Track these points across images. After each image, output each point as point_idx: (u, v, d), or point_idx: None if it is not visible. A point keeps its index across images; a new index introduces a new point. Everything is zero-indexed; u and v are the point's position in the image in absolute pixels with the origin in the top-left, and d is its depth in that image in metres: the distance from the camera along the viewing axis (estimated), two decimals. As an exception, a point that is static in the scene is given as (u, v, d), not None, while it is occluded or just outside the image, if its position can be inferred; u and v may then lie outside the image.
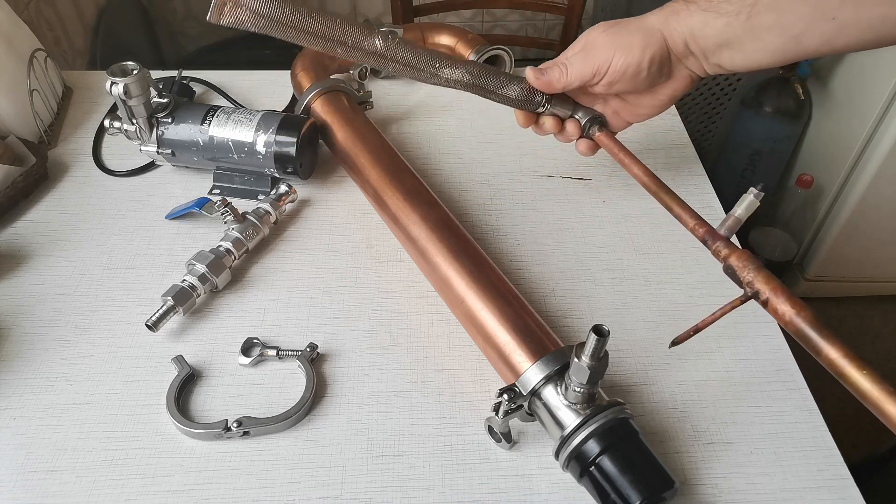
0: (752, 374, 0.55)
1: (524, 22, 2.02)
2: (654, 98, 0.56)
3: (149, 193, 0.70)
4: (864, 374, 0.36)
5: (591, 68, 0.53)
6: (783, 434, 0.51)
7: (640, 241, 0.66)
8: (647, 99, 0.57)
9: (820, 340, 0.38)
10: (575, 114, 0.59)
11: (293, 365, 0.55)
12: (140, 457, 0.49)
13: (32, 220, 0.67)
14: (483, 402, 0.53)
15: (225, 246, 0.60)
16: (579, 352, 0.42)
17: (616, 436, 0.44)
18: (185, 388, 0.53)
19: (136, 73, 0.63)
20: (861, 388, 0.36)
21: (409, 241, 0.59)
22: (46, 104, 0.76)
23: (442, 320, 0.58)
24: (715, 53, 0.51)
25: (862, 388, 0.36)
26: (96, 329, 0.57)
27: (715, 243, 0.46)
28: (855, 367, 0.36)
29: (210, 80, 0.84)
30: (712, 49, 0.51)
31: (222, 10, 0.47)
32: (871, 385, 0.35)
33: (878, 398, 0.35)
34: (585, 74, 0.54)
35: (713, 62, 0.52)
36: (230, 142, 0.66)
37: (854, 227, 1.44)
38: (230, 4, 0.47)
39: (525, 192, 0.71)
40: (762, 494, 0.48)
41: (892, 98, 1.27)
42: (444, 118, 0.81)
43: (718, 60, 0.51)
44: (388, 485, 0.48)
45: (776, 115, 1.47)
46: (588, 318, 0.59)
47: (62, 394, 0.53)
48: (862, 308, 1.64)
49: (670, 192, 0.50)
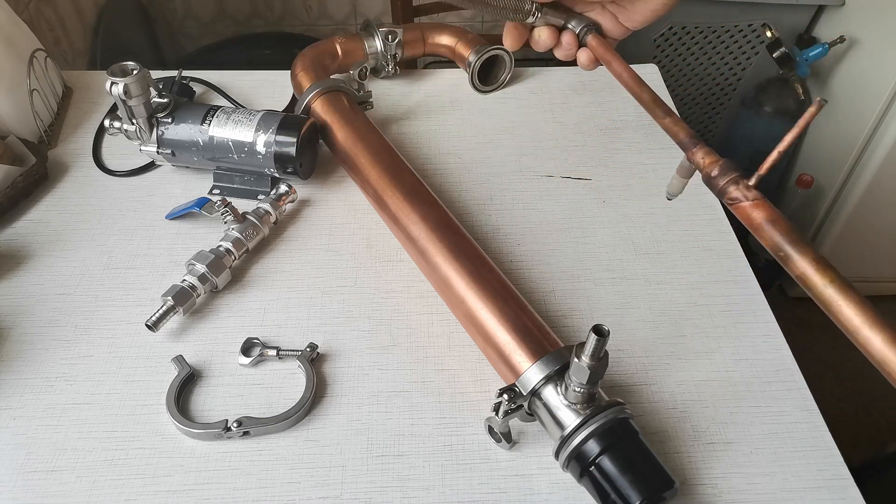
0: (752, 374, 0.55)
1: (524, 22, 2.02)
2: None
3: (149, 193, 0.70)
4: (829, 283, 0.35)
5: None
6: (783, 434, 0.51)
7: (640, 241, 0.66)
8: (638, 2, 0.54)
9: (791, 250, 0.37)
10: (568, 23, 0.57)
11: (293, 365, 0.55)
12: (140, 457, 0.49)
13: (32, 220, 0.67)
14: (483, 402, 0.53)
15: (225, 246, 0.60)
16: (579, 352, 0.42)
17: (616, 436, 0.44)
18: (185, 388, 0.53)
19: (136, 73, 0.63)
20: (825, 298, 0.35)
21: (409, 241, 0.59)
22: (46, 104, 0.76)
23: (442, 320, 0.58)
24: None
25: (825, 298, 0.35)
26: (96, 329, 0.57)
27: (696, 154, 0.43)
28: (823, 277, 0.35)
29: (210, 80, 0.84)
30: None
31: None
32: (836, 293, 0.34)
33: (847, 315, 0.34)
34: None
35: None
36: (230, 142, 0.66)
37: (854, 227, 1.44)
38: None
39: (525, 192, 0.71)
40: (762, 494, 0.48)
41: (892, 98, 1.27)
42: (444, 118, 0.81)
43: None
44: (388, 485, 0.48)
45: (776, 115, 1.47)
46: (588, 318, 0.59)
47: (62, 394, 0.53)
48: (862, 308, 1.64)
49: (661, 103, 0.48)
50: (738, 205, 0.40)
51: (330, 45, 0.80)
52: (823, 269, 0.35)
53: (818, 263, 0.35)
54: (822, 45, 1.37)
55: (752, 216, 0.39)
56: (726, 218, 0.68)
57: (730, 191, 0.40)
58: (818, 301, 0.35)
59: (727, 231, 0.67)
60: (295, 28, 1.80)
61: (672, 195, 0.49)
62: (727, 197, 0.41)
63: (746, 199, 0.39)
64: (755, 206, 0.39)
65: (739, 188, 0.40)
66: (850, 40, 1.37)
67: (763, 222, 0.38)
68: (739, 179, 0.40)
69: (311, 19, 1.79)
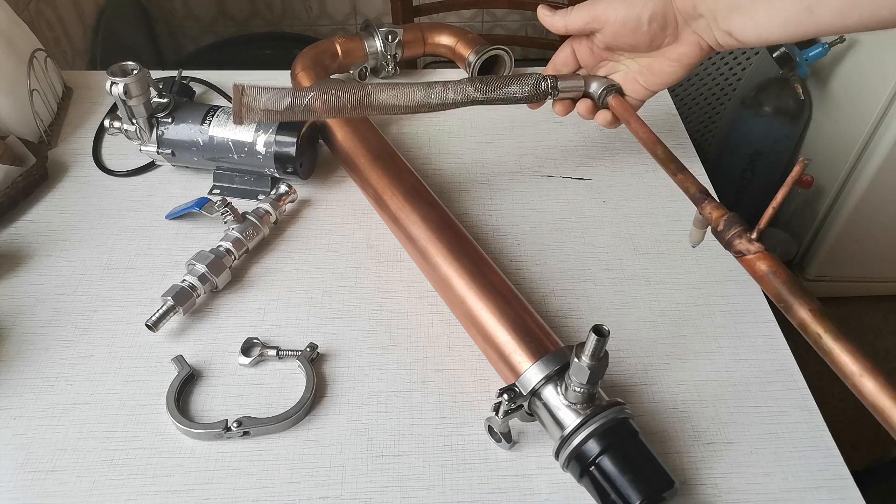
0: (752, 374, 0.55)
1: (524, 22, 2.02)
2: (663, 62, 0.56)
3: (149, 193, 0.70)
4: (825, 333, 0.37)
5: (591, 13, 0.55)
6: (783, 434, 0.51)
7: (640, 241, 0.66)
8: (658, 64, 0.56)
9: (791, 299, 0.39)
10: (588, 88, 0.59)
11: (293, 365, 0.55)
12: (140, 457, 0.49)
13: (32, 220, 0.67)
14: (483, 402, 0.53)
15: (225, 246, 0.60)
16: (579, 352, 0.42)
17: (616, 436, 0.44)
18: (185, 388, 0.53)
19: (136, 73, 0.63)
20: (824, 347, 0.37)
21: (409, 241, 0.59)
22: (46, 104, 0.76)
23: (442, 320, 0.58)
24: (726, 18, 0.50)
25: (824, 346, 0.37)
26: (96, 329, 0.57)
27: (705, 208, 0.46)
28: (821, 327, 0.37)
29: (210, 80, 0.84)
30: (723, 12, 0.50)
31: (240, 116, 0.53)
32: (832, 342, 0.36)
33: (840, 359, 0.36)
34: (585, 18, 0.56)
35: (723, 28, 0.51)
36: (230, 142, 0.66)
37: (854, 227, 1.44)
38: (244, 110, 0.53)
39: (525, 192, 0.71)
40: (762, 494, 0.48)
41: (892, 98, 1.27)
42: (444, 118, 0.81)
43: (728, 27, 0.50)
44: (388, 485, 0.48)
45: (776, 115, 1.47)
46: (588, 318, 0.59)
47: (62, 394, 0.53)
48: (862, 308, 1.64)
49: (675, 159, 0.50)
50: (744, 258, 0.42)
51: (330, 45, 0.80)
52: (820, 318, 0.37)
53: (815, 313, 0.38)
54: (822, 44, 1.37)
55: (756, 268, 0.41)
56: (726, 218, 0.68)
57: (735, 244, 0.43)
58: (816, 348, 0.37)
59: (727, 231, 0.67)
60: (295, 28, 1.80)
61: (695, 244, 0.51)
62: (734, 250, 0.43)
63: (750, 252, 0.42)
64: (759, 258, 0.41)
65: (743, 241, 0.42)
66: (850, 40, 1.36)
67: (766, 274, 0.41)
68: (743, 233, 0.43)
69: (311, 19, 1.79)
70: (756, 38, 0.50)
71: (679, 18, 0.53)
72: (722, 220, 0.44)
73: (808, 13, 0.46)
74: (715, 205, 0.45)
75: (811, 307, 0.38)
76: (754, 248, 0.42)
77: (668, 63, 0.55)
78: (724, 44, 0.52)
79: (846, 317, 1.63)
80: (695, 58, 0.54)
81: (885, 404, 0.33)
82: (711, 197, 0.46)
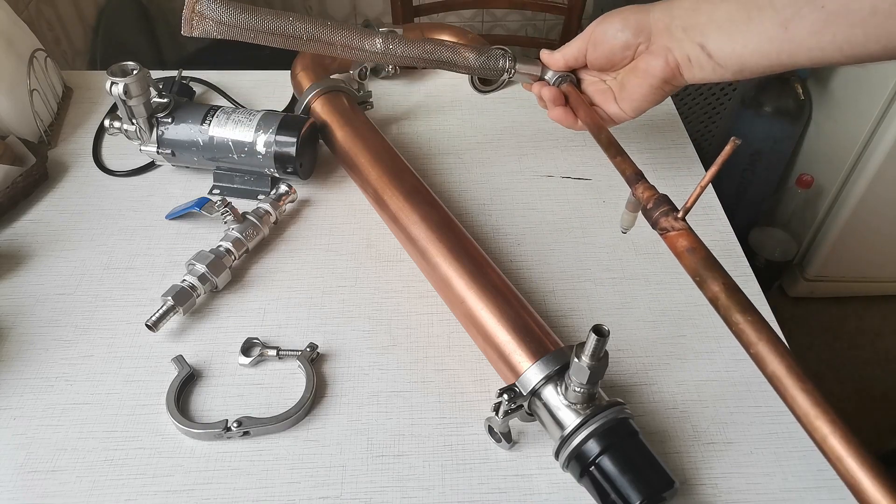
0: (752, 374, 0.55)
1: (524, 22, 2.02)
2: (633, 78, 0.56)
3: (149, 193, 0.70)
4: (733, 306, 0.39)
5: (585, 40, 0.58)
6: (783, 434, 0.51)
7: (640, 241, 0.66)
8: (629, 79, 0.56)
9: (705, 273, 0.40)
10: (544, 74, 0.61)
11: (293, 365, 0.55)
12: (140, 457, 0.49)
13: (32, 220, 0.67)
14: (483, 402, 0.53)
15: (225, 246, 0.60)
16: (579, 352, 0.42)
17: (616, 436, 0.44)
18: (185, 388, 0.53)
19: (136, 73, 0.63)
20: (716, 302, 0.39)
21: (409, 241, 0.59)
22: (46, 104, 0.76)
23: (442, 320, 0.58)
24: (702, 30, 0.50)
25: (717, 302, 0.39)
26: (96, 329, 0.57)
27: (638, 188, 0.47)
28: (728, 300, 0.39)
29: (210, 80, 0.84)
30: (700, 26, 0.50)
31: (191, 23, 0.52)
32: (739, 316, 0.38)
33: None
34: (581, 46, 0.58)
35: (697, 40, 0.50)
36: (230, 142, 0.66)
37: (854, 227, 1.44)
38: (196, 18, 0.51)
39: (525, 192, 0.71)
40: (762, 494, 0.48)
41: (892, 98, 1.27)
42: (444, 118, 0.81)
43: (703, 39, 0.50)
44: (388, 485, 0.48)
45: (776, 115, 1.47)
46: (588, 318, 0.59)
47: (62, 394, 0.53)
48: (862, 308, 1.64)
49: (615, 143, 0.52)
50: (667, 234, 0.44)
51: (330, 45, 0.80)
52: (730, 293, 0.39)
53: (726, 288, 0.39)
54: (822, 45, 1.37)
55: (678, 244, 0.43)
56: (726, 218, 0.68)
57: (661, 221, 0.44)
58: (725, 321, 0.39)
59: (727, 231, 0.67)
60: (295, 28, 1.79)
61: (626, 229, 0.52)
62: (659, 227, 0.45)
63: (674, 228, 0.43)
64: (680, 235, 0.43)
65: (669, 219, 0.44)
66: (850, 40, 1.36)
67: (685, 249, 0.42)
68: (670, 212, 0.44)
69: (311, 19, 1.79)
70: (731, 56, 0.49)
71: (653, 27, 0.53)
72: (652, 199, 0.45)
73: (784, 29, 0.46)
74: (647, 185, 0.47)
75: (723, 282, 0.40)
76: (679, 225, 0.43)
77: (636, 79, 0.56)
78: (695, 60, 0.51)
79: (846, 317, 1.63)
80: (659, 71, 0.53)
81: (777, 371, 0.37)
82: (645, 179, 0.48)
